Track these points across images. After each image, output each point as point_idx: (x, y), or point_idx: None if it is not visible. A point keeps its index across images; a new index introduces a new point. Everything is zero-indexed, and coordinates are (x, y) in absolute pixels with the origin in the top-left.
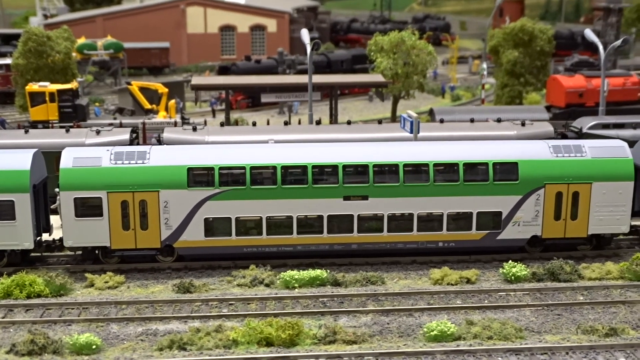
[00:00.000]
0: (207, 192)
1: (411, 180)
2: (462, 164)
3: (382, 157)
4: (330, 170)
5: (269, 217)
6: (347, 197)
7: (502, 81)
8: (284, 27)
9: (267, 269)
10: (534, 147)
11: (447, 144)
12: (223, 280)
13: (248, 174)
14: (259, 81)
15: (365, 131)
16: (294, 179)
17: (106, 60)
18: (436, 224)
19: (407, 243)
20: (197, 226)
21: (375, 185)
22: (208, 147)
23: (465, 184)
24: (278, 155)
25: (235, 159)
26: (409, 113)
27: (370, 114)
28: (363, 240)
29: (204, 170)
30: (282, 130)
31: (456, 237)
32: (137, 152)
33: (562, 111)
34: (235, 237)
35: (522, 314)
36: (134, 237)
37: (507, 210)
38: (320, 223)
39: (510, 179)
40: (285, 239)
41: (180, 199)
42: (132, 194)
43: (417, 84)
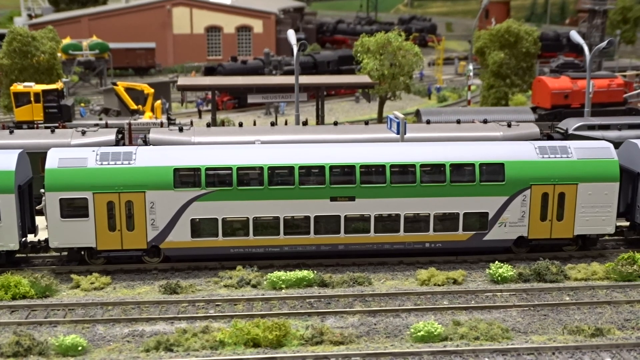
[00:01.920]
0: (194, 192)
1: (398, 181)
2: (448, 165)
3: (369, 157)
4: (317, 171)
5: (256, 218)
6: (334, 198)
7: (488, 82)
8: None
9: (254, 269)
10: (520, 148)
11: (434, 145)
12: (210, 281)
13: (235, 174)
14: (245, 82)
15: (351, 132)
16: (280, 179)
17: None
18: (423, 225)
19: (394, 244)
20: (184, 227)
21: (362, 186)
22: (194, 148)
23: (452, 185)
24: (265, 156)
25: (221, 160)
26: (396, 114)
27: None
28: (350, 241)
29: (190, 171)
30: (269, 131)
31: (443, 237)
32: (123, 152)
33: (548, 112)
34: (222, 238)
35: (508, 315)
36: (120, 238)
37: (493, 211)
38: (307, 224)
39: (497, 180)
40: (272, 239)
41: (166, 199)
42: (118, 195)
43: (404, 85)
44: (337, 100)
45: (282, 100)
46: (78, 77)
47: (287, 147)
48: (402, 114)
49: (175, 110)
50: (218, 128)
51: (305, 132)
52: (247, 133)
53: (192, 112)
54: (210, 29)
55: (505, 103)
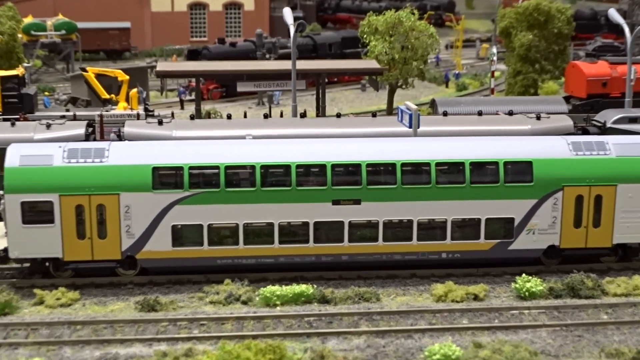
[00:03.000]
0: (175, 195)
1: (410, 182)
2: (468, 164)
3: (377, 155)
4: (317, 170)
5: (247, 224)
6: (337, 201)
7: (515, 68)
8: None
9: (245, 283)
10: (550, 143)
11: (451, 141)
12: (193, 297)
13: (222, 174)
14: (234, 67)
15: (357, 125)
16: (275, 180)
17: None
18: (439, 232)
19: (406, 254)
20: (164, 234)
21: (368, 187)
22: (176, 144)
23: (472, 186)
24: (257, 153)
25: (207, 157)
26: (408, 105)
27: (362, 105)
28: (355, 251)
29: (171, 170)
30: (262, 124)
31: (462, 247)
32: (93, 149)
33: (583, 103)
34: (208, 247)
35: (537, 335)
36: (90, 247)
37: (520, 217)
38: (305, 231)
39: (524, 181)
40: (265, 249)
41: (143, 203)
42: (89, 198)
43: (417, 72)
44: (340, 88)
45: (276, 88)
46: (41, 62)
47: (282, 143)
48: (415, 105)
49: (154, 100)
50: (203, 121)
51: (303, 125)
52: (236, 126)
53: (173, 102)
54: (194, 6)
55: (534, 92)
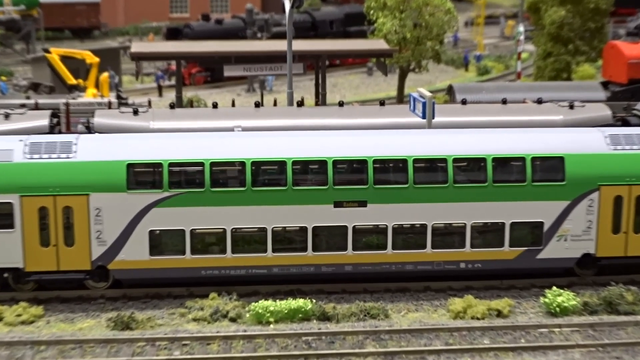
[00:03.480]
0: (153, 196)
1: (424, 181)
2: (490, 160)
3: (385, 150)
4: (317, 167)
5: (236, 230)
6: (339, 203)
7: (545, 49)
8: None
9: (233, 298)
10: (585, 137)
11: (471, 133)
12: (174, 313)
13: (207, 172)
14: (220, 48)
15: (362, 115)
16: (268, 179)
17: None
18: (457, 239)
19: (419, 264)
20: (140, 241)
21: (376, 187)
22: (154, 137)
23: (495, 186)
24: (247, 147)
25: (190, 153)
26: (421, 91)
27: (369, 92)
28: (360, 260)
29: (148, 167)
30: (253, 114)
31: (483, 255)
32: (59, 143)
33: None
34: (191, 256)
35: (569, 357)
36: (56, 256)
37: (550, 221)
38: (303, 237)
39: (554, 179)
40: (257, 258)
41: (117, 205)
42: (54, 199)
43: (432, 53)
44: (343, 72)
45: (269, 73)
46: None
47: (276, 136)
48: (430, 92)
49: (128, 86)
50: (185, 110)
51: (300, 115)
52: (223, 117)
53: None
54: None
55: (567, 77)
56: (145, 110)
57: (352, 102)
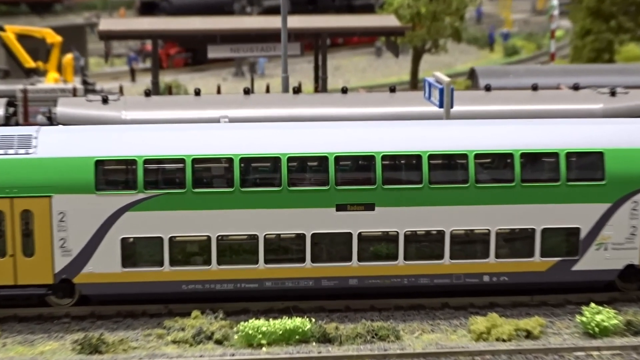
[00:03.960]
0: (126, 198)
1: (441, 180)
2: (518, 155)
3: (396, 144)
4: (316, 164)
5: (222, 238)
6: (343, 207)
7: (583, 25)
8: None
9: (219, 316)
10: (629, 129)
11: (496, 125)
12: (151, 335)
13: (189, 170)
14: (203, 25)
15: (369, 104)
16: (259, 178)
17: None
18: (479, 248)
19: (435, 277)
20: (111, 251)
21: (385, 187)
22: (127, 129)
23: (524, 186)
24: (235, 141)
25: (168, 148)
26: (438, 76)
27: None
28: (367, 273)
29: (120, 164)
30: (241, 102)
31: (510, 267)
32: (17, 137)
33: None
34: (170, 269)
35: None
36: (13, 268)
37: (587, 227)
38: (300, 246)
39: (593, 178)
40: (246, 270)
41: (84, 208)
42: (10, 202)
43: (451, 31)
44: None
45: (261, 54)
46: None
47: (269, 128)
48: (448, 76)
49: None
50: (162, 98)
51: (297, 104)
52: (207, 105)
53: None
54: None
55: (609, 58)
56: (116, 98)
57: (357, 88)
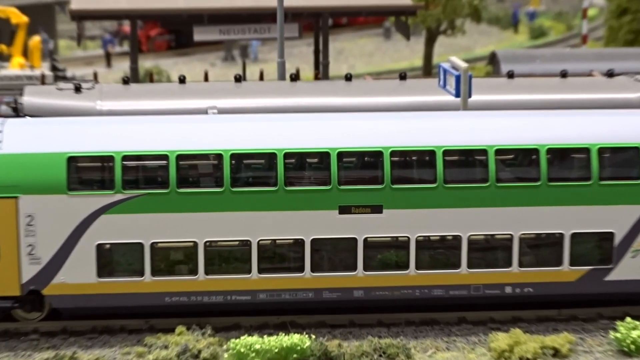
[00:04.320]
0: (103, 199)
1: (457, 179)
2: (544, 151)
3: (407, 138)
4: (317, 161)
5: (210, 244)
6: (346, 209)
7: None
8: None
9: (207, 332)
10: None
11: (520, 116)
12: (130, 353)
13: (173, 167)
14: (188, 4)
15: (377, 92)
16: (253, 176)
17: None
18: (501, 256)
19: (451, 288)
20: (85, 259)
21: (394, 187)
22: (103, 122)
23: (551, 185)
24: (225, 135)
25: (150, 142)
26: (454, 61)
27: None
28: (374, 284)
29: (96, 160)
30: (232, 91)
31: (535, 277)
32: None
33: None
34: (151, 279)
35: None
36: None
37: (622, 231)
38: (299, 254)
39: (629, 177)
40: (238, 280)
41: (55, 211)
42: None
43: (469, 9)
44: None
45: (253, 36)
46: None
47: (263, 121)
48: (466, 61)
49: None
50: (143, 86)
51: (295, 92)
52: (193, 95)
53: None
54: None
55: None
56: (91, 86)
57: (363, 75)
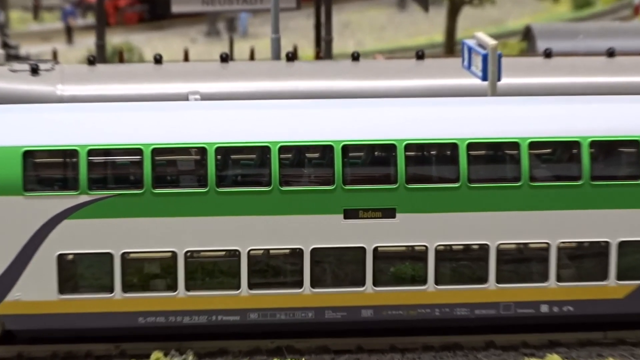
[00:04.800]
0: (65, 201)
1: (484, 178)
2: (587, 144)
3: (425, 129)
4: (318, 156)
5: (191, 254)
6: (353, 212)
7: None
8: None
9: (188, 359)
10: None
11: (558, 103)
12: None
13: (148, 163)
14: None
15: (389, 74)
16: (242, 174)
17: None
18: (535, 268)
19: (477, 307)
20: (44, 272)
21: (409, 187)
22: (64, 110)
23: (595, 185)
24: (209, 125)
25: (121, 134)
26: (481, 37)
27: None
28: (385, 301)
29: (57, 155)
30: (217, 72)
31: (576, 293)
32: None
33: None
34: (123, 295)
35: None
36: None
37: None
38: (296, 266)
39: None
40: (224, 298)
41: (8, 216)
42: None
43: None
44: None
45: (242, 7)
46: None
47: (254, 108)
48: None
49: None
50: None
51: (292, 74)
52: (171, 77)
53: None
54: None
55: None
56: (50, 67)
57: (373, 53)
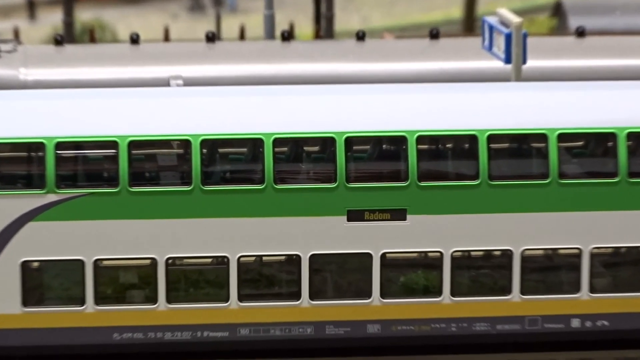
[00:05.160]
0: (30, 201)
1: (507, 175)
2: (624, 136)
3: (440, 119)
4: (317, 149)
5: (174, 262)
6: (357, 214)
7: None
8: None
9: None
10: None
11: (592, 89)
12: None
13: (124, 158)
14: None
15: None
16: (231, 171)
17: None
18: (565, 278)
19: (499, 321)
20: (6, 282)
21: (422, 185)
22: (29, 97)
23: (632, 183)
24: (194, 114)
25: (92, 125)
26: (504, 14)
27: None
28: (394, 315)
29: (20, 149)
30: (202, 54)
31: (612, 306)
32: None
33: None
34: (96, 308)
35: None
36: None
37: None
38: (293, 275)
39: None
40: (211, 311)
41: None
42: None
43: None
44: None
45: None
46: None
47: (245, 95)
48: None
49: None
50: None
51: (288, 56)
52: (150, 59)
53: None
54: None
55: None
56: (12, 48)
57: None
